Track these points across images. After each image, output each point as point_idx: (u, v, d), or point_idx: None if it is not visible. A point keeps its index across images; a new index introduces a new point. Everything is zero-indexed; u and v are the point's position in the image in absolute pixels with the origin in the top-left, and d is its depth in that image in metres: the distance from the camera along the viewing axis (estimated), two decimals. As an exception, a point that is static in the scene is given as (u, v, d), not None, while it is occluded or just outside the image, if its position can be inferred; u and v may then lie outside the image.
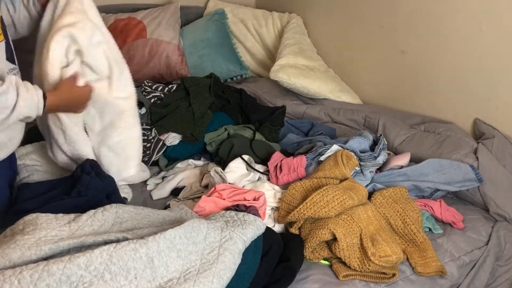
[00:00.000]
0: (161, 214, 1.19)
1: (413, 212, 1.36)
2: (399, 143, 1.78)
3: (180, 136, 1.74)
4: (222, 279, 0.97)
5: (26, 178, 1.45)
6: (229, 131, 1.78)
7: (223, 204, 1.33)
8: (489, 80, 1.69)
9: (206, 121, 1.76)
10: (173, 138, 1.73)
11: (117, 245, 0.92)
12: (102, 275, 0.88)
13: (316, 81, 2.19)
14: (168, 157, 1.76)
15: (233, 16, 2.68)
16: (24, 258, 0.91)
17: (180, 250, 0.98)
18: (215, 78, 1.96)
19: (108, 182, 1.34)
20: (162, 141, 1.73)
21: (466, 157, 1.58)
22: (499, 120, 1.69)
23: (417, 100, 2.00)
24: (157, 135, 1.73)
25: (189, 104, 1.80)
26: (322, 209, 1.25)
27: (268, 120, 1.87)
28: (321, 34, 2.51)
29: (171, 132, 1.73)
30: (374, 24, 2.13)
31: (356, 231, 1.25)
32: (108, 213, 1.09)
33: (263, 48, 2.64)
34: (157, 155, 1.72)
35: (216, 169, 1.50)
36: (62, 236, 0.99)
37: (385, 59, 2.12)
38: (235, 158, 1.57)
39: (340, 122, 2.03)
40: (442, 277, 1.27)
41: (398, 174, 1.53)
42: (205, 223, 1.06)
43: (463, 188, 1.52)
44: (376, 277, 1.22)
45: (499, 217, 1.50)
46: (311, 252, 1.26)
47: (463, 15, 1.72)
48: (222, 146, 1.67)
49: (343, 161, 1.44)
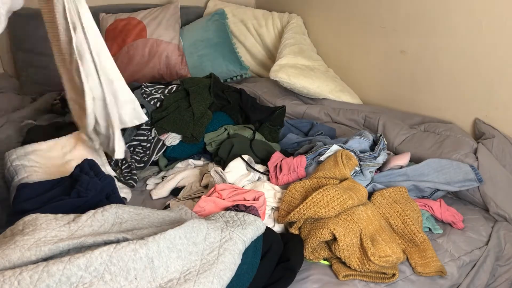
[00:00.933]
0: (161, 214, 1.19)
1: (413, 212, 1.36)
2: (399, 143, 1.78)
3: (180, 136, 1.74)
4: (222, 279, 0.97)
5: (25, 178, 1.45)
6: (229, 131, 1.78)
7: (223, 204, 1.33)
8: (489, 80, 1.69)
9: (206, 121, 1.77)
10: (173, 138, 1.73)
11: (117, 246, 0.92)
12: (102, 275, 0.88)
13: (316, 81, 2.19)
14: (168, 157, 1.76)
15: (233, 16, 2.68)
16: (24, 258, 0.91)
17: (180, 250, 0.98)
18: (215, 78, 1.96)
19: (107, 182, 1.34)
20: (162, 141, 1.73)
21: (466, 157, 1.58)
22: (499, 120, 1.68)
23: (417, 100, 2.00)
24: (157, 135, 1.73)
25: (189, 104, 1.80)
26: (322, 209, 1.25)
27: (268, 120, 1.88)
28: (321, 34, 2.51)
29: (171, 132, 1.73)
30: (374, 24, 2.13)
31: (356, 231, 1.25)
32: (108, 213, 1.09)
33: (263, 48, 2.64)
34: (156, 155, 1.72)
35: (216, 169, 1.50)
36: (61, 236, 0.99)
37: (385, 59, 2.12)
38: (235, 158, 1.57)
39: (340, 122, 2.03)
40: (442, 277, 1.27)
41: (398, 174, 1.53)
42: (205, 224, 1.06)
43: (463, 188, 1.52)
44: (376, 277, 1.22)
45: (499, 217, 1.50)
46: (311, 252, 1.26)
47: (463, 15, 1.72)
48: (222, 146, 1.67)
49: (343, 161, 1.44)
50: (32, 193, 1.31)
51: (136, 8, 2.63)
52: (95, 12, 2.56)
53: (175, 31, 2.51)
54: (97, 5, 2.61)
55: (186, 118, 1.74)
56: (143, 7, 2.64)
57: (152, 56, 2.44)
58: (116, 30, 2.49)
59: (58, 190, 1.33)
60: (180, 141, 1.75)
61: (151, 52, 2.45)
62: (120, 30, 2.49)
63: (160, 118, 1.75)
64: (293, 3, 2.65)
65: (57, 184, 1.37)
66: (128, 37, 2.46)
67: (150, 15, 2.53)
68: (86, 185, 1.28)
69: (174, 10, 2.57)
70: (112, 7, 2.63)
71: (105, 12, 2.58)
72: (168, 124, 1.73)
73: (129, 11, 2.59)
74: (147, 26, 2.49)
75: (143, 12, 2.56)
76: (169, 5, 2.58)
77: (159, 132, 1.73)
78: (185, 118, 1.74)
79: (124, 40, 2.46)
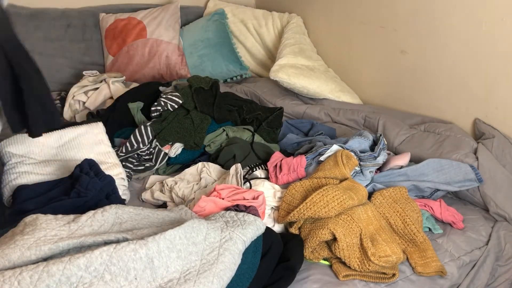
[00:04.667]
0: (161, 214, 1.19)
1: (413, 212, 1.36)
2: (399, 143, 1.78)
3: (181, 144, 1.72)
4: (222, 279, 0.97)
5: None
6: (228, 133, 1.76)
7: (223, 204, 1.32)
8: (489, 80, 1.69)
9: (206, 126, 1.75)
10: (175, 149, 1.70)
11: (117, 246, 0.92)
12: (102, 275, 0.88)
13: (316, 81, 2.19)
14: (171, 163, 1.74)
15: (233, 16, 2.68)
16: (24, 258, 0.91)
17: (180, 250, 0.97)
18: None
19: (107, 182, 1.34)
20: (163, 151, 1.70)
21: (466, 157, 1.58)
22: (499, 120, 1.68)
23: (417, 100, 2.00)
24: (158, 146, 1.70)
25: (186, 112, 1.79)
26: (322, 209, 1.25)
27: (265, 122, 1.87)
28: (321, 34, 2.51)
29: (174, 142, 1.71)
30: (374, 24, 2.13)
31: (356, 231, 1.25)
32: (108, 213, 1.09)
33: (263, 48, 2.64)
34: (160, 164, 1.70)
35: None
36: (61, 236, 0.99)
37: (385, 59, 2.12)
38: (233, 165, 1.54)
39: (340, 122, 2.03)
40: (442, 277, 1.27)
41: (398, 174, 1.53)
42: (205, 224, 1.06)
43: (463, 188, 1.52)
44: (376, 277, 1.23)
45: (499, 217, 1.50)
46: (311, 252, 1.26)
47: (463, 15, 1.72)
48: (223, 154, 1.65)
49: (343, 161, 1.44)
50: (33, 193, 1.31)
51: (136, 8, 2.63)
52: (95, 12, 2.57)
53: (175, 31, 2.51)
54: (97, 5, 2.61)
55: (186, 126, 1.73)
56: (143, 7, 2.64)
57: (152, 56, 2.44)
58: (116, 30, 2.49)
59: (58, 191, 1.33)
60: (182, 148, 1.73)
61: (151, 52, 2.45)
62: (120, 30, 2.49)
63: (161, 129, 1.72)
64: (293, 3, 2.65)
65: (57, 184, 1.37)
66: (128, 37, 2.46)
67: (150, 15, 2.54)
68: (85, 185, 1.28)
69: (174, 10, 2.57)
70: (112, 7, 2.63)
71: (105, 12, 2.58)
72: (170, 135, 1.70)
73: (129, 11, 2.60)
74: (147, 26, 2.49)
75: (143, 12, 2.56)
76: (169, 5, 2.58)
77: (162, 144, 1.69)
78: (185, 126, 1.73)
79: (124, 40, 2.46)
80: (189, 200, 1.46)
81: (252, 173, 1.57)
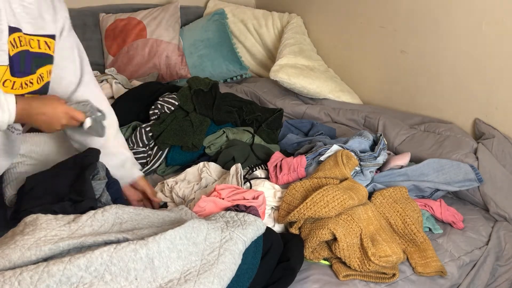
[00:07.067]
0: (161, 214, 1.19)
1: (413, 212, 1.36)
2: (399, 143, 1.78)
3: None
4: (222, 279, 0.97)
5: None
6: (228, 134, 1.76)
7: (223, 204, 1.32)
8: (489, 80, 1.69)
9: (205, 128, 1.75)
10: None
11: (117, 246, 0.92)
12: (102, 276, 0.88)
13: (316, 81, 2.19)
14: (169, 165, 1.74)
15: (233, 16, 2.68)
16: (24, 258, 0.91)
17: (180, 250, 0.97)
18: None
19: (115, 190, 1.33)
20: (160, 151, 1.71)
21: (466, 157, 1.58)
22: (499, 120, 1.69)
23: (417, 100, 2.00)
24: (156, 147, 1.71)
25: (186, 113, 1.79)
26: (322, 209, 1.25)
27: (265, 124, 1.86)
28: (321, 34, 2.51)
29: (173, 144, 1.71)
30: (374, 24, 2.13)
31: (356, 231, 1.25)
32: (108, 213, 1.09)
33: (263, 48, 2.64)
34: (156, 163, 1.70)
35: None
36: (62, 236, 0.98)
37: (385, 59, 2.12)
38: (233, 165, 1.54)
39: (340, 122, 2.04)
40: (442, 277, 1.27)
41: (398, 174, 1.53)
42: (205, 224, 1.06)
43: (463, 188, 1.52)
44: (376, 277, 1.23)
45: (499, 217, 1.50)
46: (311, 252, 1.26)
47: (463, 15, 1.72)
48: (222, 156, 1.65)
49: (343, 161, 1.44)
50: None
51: (136, 8, 2.64)
52: (95, 12, 2.57)
53: (175, 31, 2.51)
54: (97, 5, 2.61)
55: (185, 128, 1.72)
56: (143, 7, 2.64)
57: (152, 56, 2.45)
58: (116, 30, 2.49)
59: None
60: (180, 149, 1.72)
61: (151, 52, 2.45)
62: (120, 30, 2.49)
63: (160, 132, 1.72)
64: (293, 3, 2.65)
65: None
66: (128, 37, 2.47)
67: (150, 15, 2.54)
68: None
69: (174, 10, 2.57)
70: (112, 7, 2.63)
71: (105, 12, 2.59)
72: (169, 137, 1.70)
73: (129, 11, 2.60)
74: (147, 26, 2.49)
75: (143, 12, 2.57)
76: (169, 5, 2.59)
77: (162, 148, 1.70)
78: (184, 128, 1.72)
79: (124, 40, 2.47)
80: (189, 200, 1.46)
81: (252, 173, 1.57)
